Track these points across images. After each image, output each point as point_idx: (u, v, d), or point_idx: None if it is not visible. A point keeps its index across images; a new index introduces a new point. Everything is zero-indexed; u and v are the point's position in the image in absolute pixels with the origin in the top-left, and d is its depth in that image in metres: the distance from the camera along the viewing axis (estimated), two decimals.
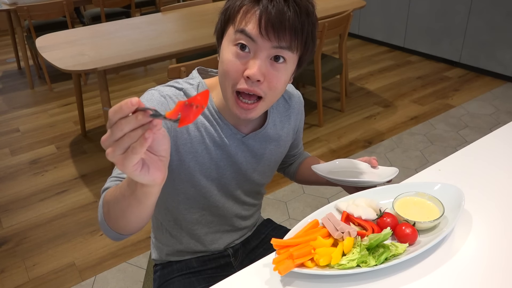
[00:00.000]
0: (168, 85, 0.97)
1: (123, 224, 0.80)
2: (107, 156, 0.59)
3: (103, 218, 0.84)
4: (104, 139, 0.59)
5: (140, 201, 0.70)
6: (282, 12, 0.81)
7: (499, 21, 3.74)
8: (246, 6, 0.84)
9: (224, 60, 0.87)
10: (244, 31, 0.83)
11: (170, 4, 3.56)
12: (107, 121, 0.59)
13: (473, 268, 0.84)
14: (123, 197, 0.73)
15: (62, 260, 2.08)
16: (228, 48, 0.87)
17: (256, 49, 0.84)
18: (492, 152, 1.23)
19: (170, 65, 2.09)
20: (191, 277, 1.11)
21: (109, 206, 0.80)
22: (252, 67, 0.83)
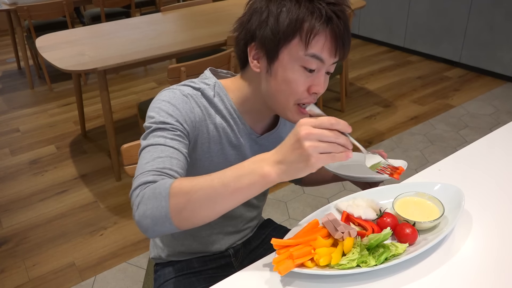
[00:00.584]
0: (185, 85, 0.96)
1: (204, 215, 0.76)
2: (307, 148, 0.69)
3: (167, 208, 0.74)
4: (311, 132, 0.70)
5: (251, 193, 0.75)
6: (347, 30, 0.86)
7: (499, 21, 3.74)
8: (321, 29, 0.83)
9: (291, 80, 0.87)
10: (318, 56, 0.85)
11: (170, 4, 3.56)
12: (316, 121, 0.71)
13: (473, 268, 0.84)
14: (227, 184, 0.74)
15: (62, 260, 2.08)
16: (293, 67, 0.86)
17: (321, 67, 0.88)
18: (492, 152, 1.23)
19: (170, 65, 2.09)
20: (191, 277, 1.11)
21: (194, 193, 0.74)
22: (319, 83, 0.88)
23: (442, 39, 4.24)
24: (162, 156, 0.82)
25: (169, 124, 0.87)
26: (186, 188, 0.75)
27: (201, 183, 0.75)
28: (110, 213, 2.38)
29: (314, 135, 0.70)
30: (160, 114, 0.88)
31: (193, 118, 0.92)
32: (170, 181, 0.76)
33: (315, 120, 0.71)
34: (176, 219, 0.75)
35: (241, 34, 0.92)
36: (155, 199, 0.75)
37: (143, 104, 2.50)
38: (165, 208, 0.74)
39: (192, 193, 0.74)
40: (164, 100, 0.90)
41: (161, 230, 0.77)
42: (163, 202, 0.74)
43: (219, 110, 0.96)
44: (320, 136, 0.70)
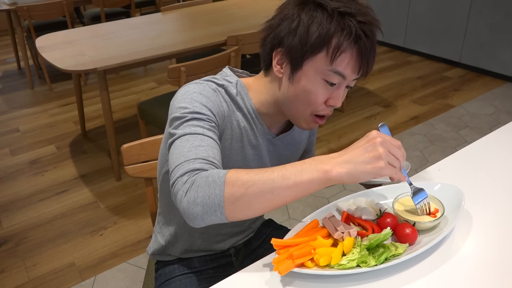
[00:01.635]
0: (209, 80, 0.96)
1: (259, 207, 0.76)
2: (381, 153, 0.76)
3: (221, 200, 0.74)
4: (386, 140, 0.77)
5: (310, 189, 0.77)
6: (373, 49, 0.88)
7: (499, 21, 3.74)
8: (348, 46, 0.84)
9: (311, 91, 0.88)
10: (341, 73, 0.86)
11: (170, 4, 3.56)
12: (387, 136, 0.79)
13: (473, 268, 0.84)
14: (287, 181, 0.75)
15: (62, 260, 2.08)
16: (315, 78, 0.88)
17: (342, 82, 0.89)
18: (492, 152, 1.23)
19: (170, 65, 2.09)
20: (192, 276, 1.12)
21: (251, 185, 0.74)
22: (338, 97, 0.90)
23: (442, 39, 4.24)
24: (204, 145, 0.81)
25: (205, 115, 0.86)
26: (243, 178, 0.74)
27: (260, 174, 0.75)
28: (110, 213, 2.38)
29: (388, 144, 0.77)
30: (193, 105, 0.87)
31: (222, 112, 0.92)
32: (224, 171, 0.76)
33: (386, 135, 0.78)
34: (228, 208, 0.74)
35: (268, 37, 0.92)
36: (208, 187, 0.74)
37: (143, 104, 2.50)
38: (219, 196, 0.73)
39: (250, 184, 0.74)
40: (195, 92, 0.89)
41: (210, 219, 0.75)
42: (217, 190, 0.74)
43: (241, 108, 0.96)
44: (392, 148, 0.77)
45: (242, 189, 0.74)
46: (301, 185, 0.75)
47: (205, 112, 0.87)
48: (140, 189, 2.57)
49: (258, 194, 0.74)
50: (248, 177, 0.75)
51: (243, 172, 0.76)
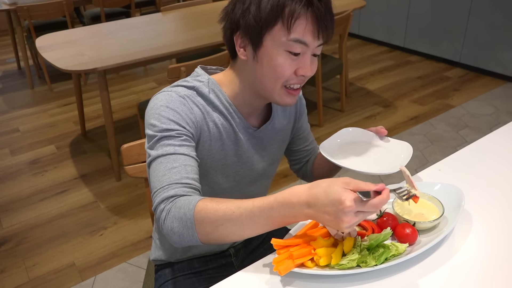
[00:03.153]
0: (178, 85, 0.96)
1: (231, 239, 0.82)
2: (343, 228, 0.74)
3: (193, 229, 0.79)
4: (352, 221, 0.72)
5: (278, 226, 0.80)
6: (330, 12, 0.87)
7: (499, 21, 3.74)
8: (302, 13, 0.84)
9: (277, 64, 0.88)
10: (301, 41, 0.86)
11: (170, 4, 3.56)
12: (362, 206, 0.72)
13: (473, 268, 0.84)
14: (257, 223, 0.78)
15: (62, 260, 2.08)
16: (277, 52, 0.88)
17: (306, 50, 0.88)
18: (492, 152, 1.23)
19: (170, 65, 2.09)
20: (192, 277, 1.12)
21: (223, 224, 0.78)
22: (306, 66, 0.89)
23: (442, 39, 4.24)
24: (176, 166, 0.84)
25: (173, 130, 0.88)
26: (212, 216, 0.78)
27: (228, 213, 0.78)
28: (110, 213, 2.38)
29: (356, 221, 0.73)
30: (161, 121, 0.88)
31: (193, 118, 0.92)
32: (194, 201, 0.80)
33: (361, 206, 0.72)
34: (202, 239, 0.81)
35: (226, 23, 0.94)
36: (180, 221, 0.79)
37: (143, 104, 2.50)
38: (192, 230, 0.79)
39: (219, 224, 0.78)
40: (162, 105, 0.90)
41: (188, 244, 0.82)
42: (189, 224, 0.79)
43: (216, 106, 0.96)
44: (363, 217, 0.74)
45: (211, 228, 0.79)
46: (270, 226, 0.80)
47: (173, 127, 0.88)
48: (140, 189, 2.57)
49: (228, 233, 0.80)
50: (217, 216, 0.78)
51: (211, 207, 0.79)
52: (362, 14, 4.92)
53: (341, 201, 0.71)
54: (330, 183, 0.74)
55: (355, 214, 0.72)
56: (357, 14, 4.94)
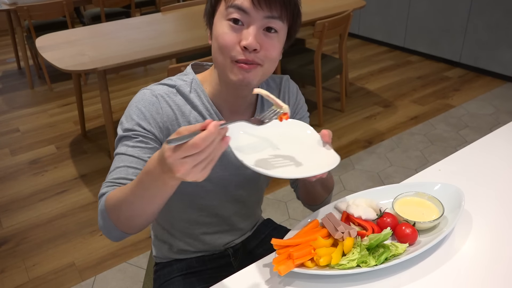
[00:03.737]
0: (161, 83, 0.98)
1: (138, 221, 0.83)
2: (188, 179, 0.67)
3: (109, 220, 0.85)
4: (182, 171, 0.65)
5: (165, 196, 0.77)
6: None
7: (499, 21, 3.74)
8: None
9: (218, 34, 0.88)
10: (236, 5, 0.85)
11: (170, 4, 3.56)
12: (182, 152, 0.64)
13: (473, 268, 0.84)
14: (141, 197, 0.77)
15: (62, 260, 2.08)
16: (220, 23, 0.88)
17: (249, 21, 0.86)
18: (492, 152, 1.23)
19: (170, 65, 2.09)
20: (191, 277, 1.11)
21: (122, 207, 0.81)
22: (248, 37, 0.85)
23: (442, 39, 4.24)
24: (120, 166, 0.89)
25: (132, 131, 0.91)
26: (112, 204, 0.84)
27: (121, 198, 0.81)
28: None
29: (185, 170, 0.65)
30: (127, 120, 0.92)
31: (159, 119, 0.93)
32: (107, 194, 0.86)
33: (181, 151, 0.64)
34: (120, 227, 0.85)
35: (206, 25, 0.97)
36: (101, 215, 0.87)
37: None
38: (108, 221, 0.85)
39: (118, 209, 0.83)
40: (132, 103, 0.94)
41: (117, 237, 0.87)
42: (106, 216, 0.85)
43: (195, 106, 0.97)
44: (193, 162, 0.65)
45: (116, 214, 0.83)
46: (155, 194, 0.76)
47: (133, 127, 0.91)
48: None
49: (128, 216, 0.82)
50: (115, 202, 0.82)
51: (112, 197, 0.83)
52: (362, 14, 4.92)
53: (163, 156, 0.66)
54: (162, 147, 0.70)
55: (181, 161, 0.64)
56: (357, 14, 4.94)
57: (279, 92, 1.08)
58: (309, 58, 3.17)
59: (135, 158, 0.89)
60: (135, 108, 0.93)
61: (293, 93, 1.11)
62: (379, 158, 2.79)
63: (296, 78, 3.21)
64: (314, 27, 2.82)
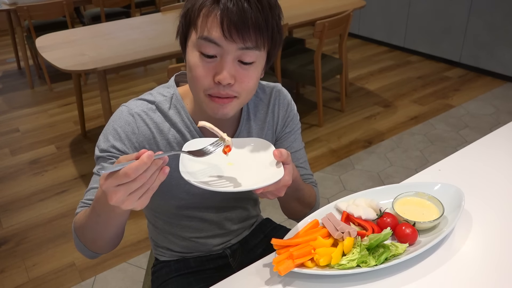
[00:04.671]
0: (141, 99, 0.96)
1: (100, 243, 0.89)
2: (124, 207, 0.67)
3: (79, 241, 0.90)
4: (115, 198, 0.65)
5: (117, 223, 0.81)
6: (244, 10, 0.77)
7: (499, 21, 3.74)
8: (205, 8, 0.80)
9: (191, 66, 0.84)
10: (208, 38, 0.80)
11: (170, 4, 3.56)
12: (115, 180, 0.64)
13: (473, 268, 0.84)
14: (96, 223, 0.81)
15: (62, 260, 2.08)
16: (192, 53, 0.84)
17: (222, 53, 0.81)
18: (492, 152, 1.23)
19: (170, 65, 2.09)
20: (189, 277, 1.11)
21: (84, 231, 0.86)
22: (221, 71, 0.81)
23: (442, 39, 4.24)
24: (94, 187, 0.93)
25: (107, 152, 0.91)
26: (78, 227, 0.89)
27: (83, 222, 0.86)
28: None
29: (120, 197, 0.66)
30: (104, 140, 0.93)
31: (135, 139, 0.93)
32: (76, 217, 0.91)
33: (114, 180, 0.64)
34: (89, 247, 0.90)
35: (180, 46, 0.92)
36: (73, 234, 0.92)
37: None
38: (78, 241, 0.91)
39: (82, 232, 0.87)
40: (110, 123, 0.94)
41: (90, 255, 0.93)
42: (75, 237, 0.91)
43: (174, 123, 0.95)
44: (128, 190, 0.65)
45: (83, 236, 0.89)
46: (109, 222, 0.80)
47: (107, 148, 0.91)
48: None
49: (93, 237, 0.87)
50: (80, 225, 0.88)
51: (79, 220, 0.88)
52: (362, 14, 4.92)
53: (101, 187, 0.67)
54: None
55: (115, 189, 0.65)
56: (357, 14, 4.94)
57: (268, 104, 1.04)
58: (309, 58, 3.17)
59: None
60: (111, 128, 0.93)
61: (284, 105, 1.05)
62: (379, 158, 2.79)
63: (296, 78, 3.21)
64: (314, 27, 2.82)
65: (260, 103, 1.03)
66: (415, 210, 0.95)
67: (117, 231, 0.85)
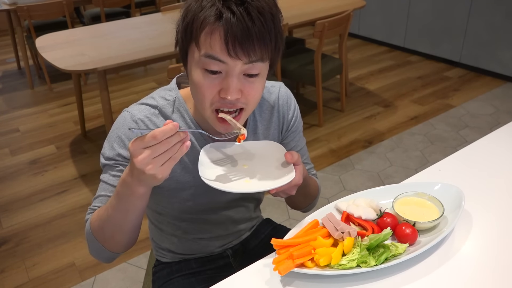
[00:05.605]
0: (143, 103, 0.96)
1: (120, 237, 0.87)
2: (147, 171, 0.71)
3: (96, 241, 0.89)
4: (141, 159, 0.70)
5: (136, 208, 0.81)
6: (247, 26, 0.76)
7: (499, 21, 3.74)
8: (208, 26, 0.78)
9: (196, 83, 0.83)
10: (212, 55, 0.79)
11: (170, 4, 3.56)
12: (142, 142, 0.70)
13: (473, 268, 0.84)
14: (117, 210, 0.82)
15: (62, 260, 2.08)
16: (196, 71, 0.83)
17: (227, 69, 0.80)
18: (492, 152, 1.23)
19: (170, 65, 2.09)
20: (190, 277, 1.11)
21: (103, 225, 0.86)
22: (227, 88, 0.80)
23: (442, 39, 4.24)
24: (102, 195, 0.93)
25: (112, 160, 0.92)
26: (96, 224, 0.88)
27: (102, 214, 0.86)
28: None
29: (144, 159, 0.70)
30: (109, 147, 0.93)
31: None
32: (90, 218, 0.91)
33: (141, 142, 0.70)
34: (108, 246, 0.89)
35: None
36: (88, 238, 0.91)
37: None
38: (96, 242, 0.89)
39: (101, 228, 0.87)
40: (114, 130, 0.94)
41: (107, 257, 0.92)
42: (93, 238, 0.90)
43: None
44: (152, 154, 0.70)
45: (101, 233, 0.88)
46: (131, 207, 0.81)
47: (113, 156, 0.92)
48: None
49: (111, 233, 0.86)
50: (98, 222, 0.87)
51: (95, 218, 0.89)
52: (362, 14, 4.92)
53: (129, 150, 0.72)
54: None
55: (141, 151, 0.70)
56: (357, 14, 4.94)
57: (274, 103, 1.04)
58: (309, 58, 3.17)
59: (114, 187, 0.91)
60: (115, 135, 0.93)
61: (289, 105, 1.06)
62: (379, 158, 2.79)
63: (296, 78, 3.21)
64: (314, 27, 2.82)
65: (264, 103, 1.04)
66: (415, 210, 0.95)
67: (136, 221, 0.84)
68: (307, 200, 1.12)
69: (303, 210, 1.18)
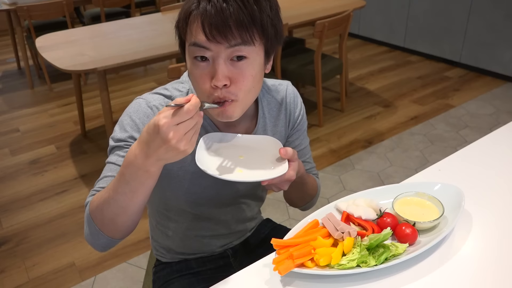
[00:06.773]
0: (156, 93, 0.96)
1: (122, 220, 0.82)
2: (182, 147, 0.70)
3: (94, 225, 0.85)
4: (178, 137, 0.69)
5: (145, 189, 0.78)
6: (222, 10, 0.78)
7: (499, 21, 3.74)
8: (191, 15, 0.82)
9: (190, 73, 0.87)
10: (195, 43, 0.81)
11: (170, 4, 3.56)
12: (177, 118, 0.69)
13: (473, 268, 0.84)
14: (123, 194, 0.78)
15: (62, 260, 2.08)
16: (188, 61, 0.86)
17: (212, 55, 0.82)
18: (492, 152, 1.23)
19: (170, 65, 2.09)
20: (191, 277, 1.11)
21: (104, 208, 0.82)
22: (215, 74, 0.82)
23: (442, 39, 4.24)
24: (108, 175, 0.90)
25: (124, 141, 0.90)
26: (96, 206, 0.84)
27: (104, 197, 0.81)
28: None
29: (181, 135, 0.70)
30: (120, 129, 0.92)
31: None
32: (90, 200, 0.87)
33: (176, 118, 0.69)
34: (106, 231, 0.84)
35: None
36: (87, 220, 0.87)
37: None
38: (93, 226, 0.85)
39: (101, 210, 0.82)
40: (127, 113, 0.93)
41: (103, 244, 0.87)
42: (90, 221, 0.85)
43: None
44: (185, 130, 0.70)
45: (100, 215, 0.83)
46: (137, 189, 0.77)
47: (125, 137, 0.91)
48: None
49: (112, 215, 0.82)
50: (98, 203, 0.83)
51: (96, 199, 0.84)
52: (362, 14, 4.92)
53: (156, 125, 0.69)
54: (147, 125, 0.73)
55: (176, 127, 0.69)
56: (357, 14, 4.94)
57: (281, 102, 1.05)
58: (309, 58, 3.17)
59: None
60: (129, 119, 0.92)
61: (296, 104, 1.08)
62: (379, 158, 2.79)
63: (296, 78, 3.21)
64: (314, 27, 2.82)
65: (272, 101, 1.05)
66: (415, 210, 0.95)
67: (143, 202, 0.81)
68: (304, 198, 1.13)
69: (301, 209, 1.18)
